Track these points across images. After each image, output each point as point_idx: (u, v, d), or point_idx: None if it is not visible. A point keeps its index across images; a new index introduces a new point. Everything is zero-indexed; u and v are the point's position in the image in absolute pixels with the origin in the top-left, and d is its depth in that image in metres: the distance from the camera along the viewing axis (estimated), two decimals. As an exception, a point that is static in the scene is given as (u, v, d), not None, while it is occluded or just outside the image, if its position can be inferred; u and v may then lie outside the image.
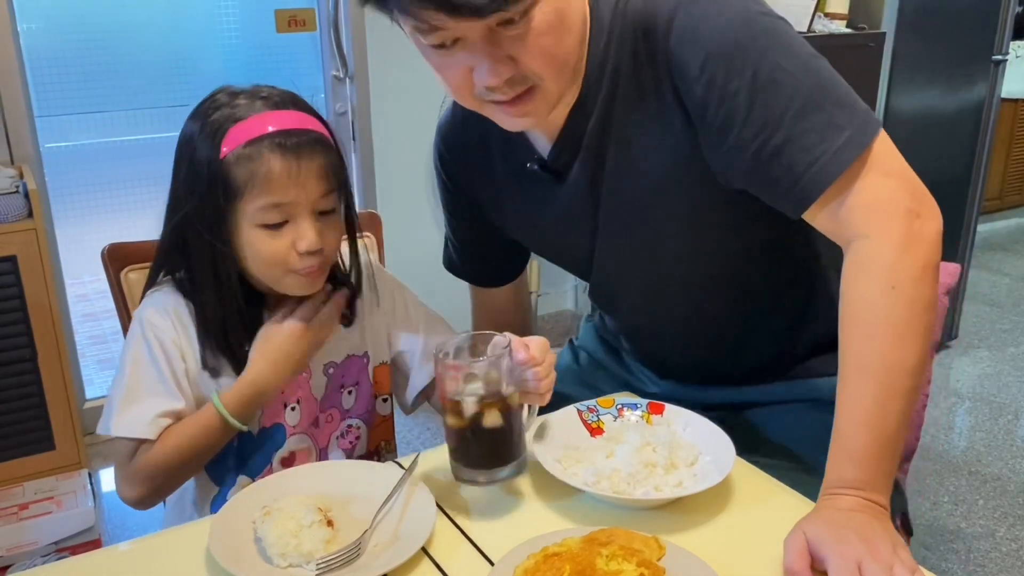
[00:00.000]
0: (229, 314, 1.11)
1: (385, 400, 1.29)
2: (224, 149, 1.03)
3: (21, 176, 2.26)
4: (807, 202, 0.95)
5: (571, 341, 1.53)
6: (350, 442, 1.23)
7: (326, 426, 1.21)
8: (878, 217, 0.92)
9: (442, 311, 1.41)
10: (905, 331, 0.90)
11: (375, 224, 1.49)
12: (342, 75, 2.96)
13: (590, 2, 1.03)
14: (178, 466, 1.09)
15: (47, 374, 2.20)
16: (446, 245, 1.42)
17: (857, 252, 0.93)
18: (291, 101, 1.09)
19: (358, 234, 1.19)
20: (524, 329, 1.50)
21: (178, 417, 1.10)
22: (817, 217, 0.96)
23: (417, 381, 1.27)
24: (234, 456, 1.15)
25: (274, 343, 1.11)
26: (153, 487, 1.10)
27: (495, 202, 1.24)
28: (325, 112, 3.05)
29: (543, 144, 1.11)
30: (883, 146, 0.94)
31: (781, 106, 0.93)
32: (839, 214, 0.94)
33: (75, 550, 2.04)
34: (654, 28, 0.98)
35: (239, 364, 1.11)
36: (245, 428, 1.11)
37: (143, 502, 1.11)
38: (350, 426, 1.23)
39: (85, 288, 3.60)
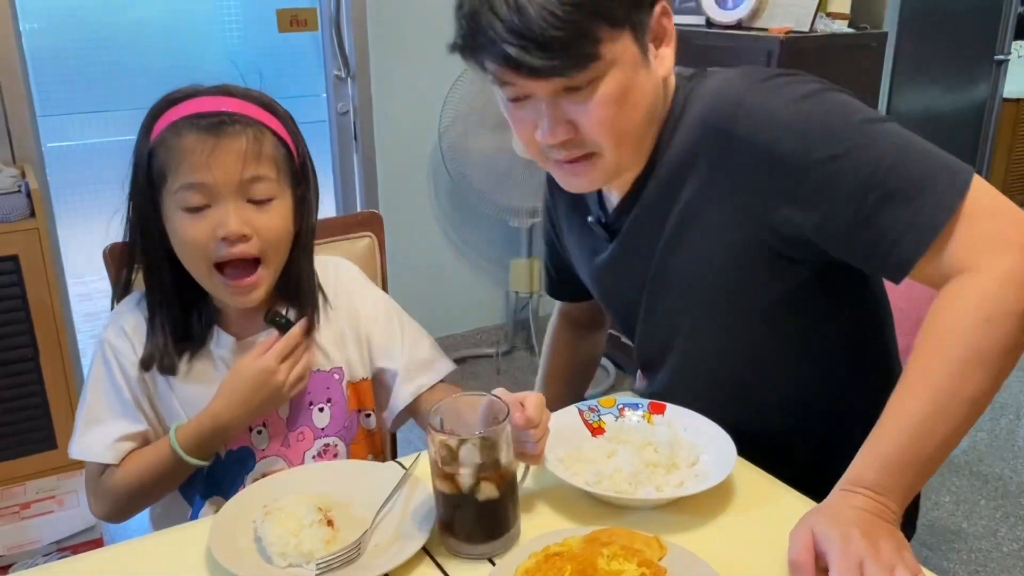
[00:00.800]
0: (170, 316, 1.10)
1: (369, 415, 1.24)
2: (153, 136, 1.04)
3: (23, 175, 2.26)
4: (912, 260, 0.91)
5: None
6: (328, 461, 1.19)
7: (297, 445, 1.17)
8: (986, 252, 0.88)
9: (443, 309, 1.41)
10: (982, 364, 0.86)
11: (377, 223, 1.48)
12: (344, 75, 2.96)
13: (676, 83, 1.06)
14: (138, 492, 1.10)
15: (49, 373, 2.20)
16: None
17: (957, 280, 0.89)
18: (236, 92, 1.07)
19: (353, 236, 1.19)
20: (596, 326, 1.50)
21: (143, 439, 1.11)
22: (920, 272, 0.93)
23: (398, 400, 1.22)
24: (204, 478, 1.14)
25: (242, 380, 1.09)
26: (118, 508, 1.12)
27: (566, 238, 1.28)
28: (327, 112, 3.05)
29: (614, 202, 1.13)
30: (981, 188, 0.90)
31: (869, 168, 0.91)
32: (943, 260, 0.90)
33: (76, 549, 2.05)
34: (721, 113, 0.99)
35: (168, 367, 1.10)
36: (204, 463, 1.10)
37: (110, 518, 1.14)
38: (327, 445, 1.18)
39: (87, 288, 3.60)
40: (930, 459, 0.88)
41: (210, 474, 1.13)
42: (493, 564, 0.89)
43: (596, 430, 1.12)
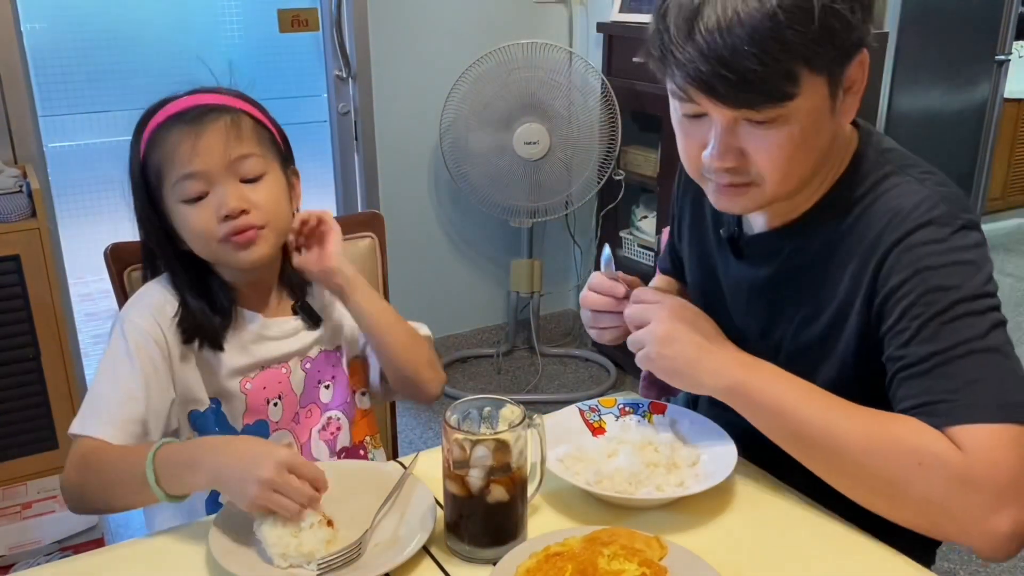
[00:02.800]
0: (193, 300, 1.13)
1: (364, 394, 1.30)
2: (142, 146, 1.10)
3: (25, 176, 2.26)
4: (938, 420, 0.90)
5: None
6: (331, 433, 1.24)
7: (306, 421, 1.22)
8: (990, 463, 0.86)
9: (443, 309, 1.41)
10: (863, 469, 0.90)
11: (378, 224, 1.49)
12: (345, 75, 2.96)
13: (858, 146, 1.03)
14: (99, 485, 1.02)
15: (50, 373, 2.20)
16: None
17: (945, 433, 0.88)
18: (208, 90, 1.12)
19: (355, 236, 1.20)
20: None
21: (142, 423, 1.06)
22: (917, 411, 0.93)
23: (374, 364, 1.29)
24: None
25: (248, 445, 0.96)
26: (79, 493, 1.03)
27: (689, 225, 1.25)
28: (328, 112, 3.05)
29: (758, 223, 1.11)
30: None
31: (950, 344, 0.91)
32: (955, 435, 0.88)
33: (78, 549, 2.05)
34: (894, 222, 0.96)
35: (216, 342, 1.13)
36: (164, 496, 0.95)
37: (72, 500, 1.05)
38: (330, 418, 1.24)
39: (88, 287, 3.60)
40: (755, 404, 0.98)
41: None
42: (494, 564, 0.89)
43: (597, 430, 1.13)
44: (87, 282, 3.56)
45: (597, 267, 3.35)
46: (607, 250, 1.16)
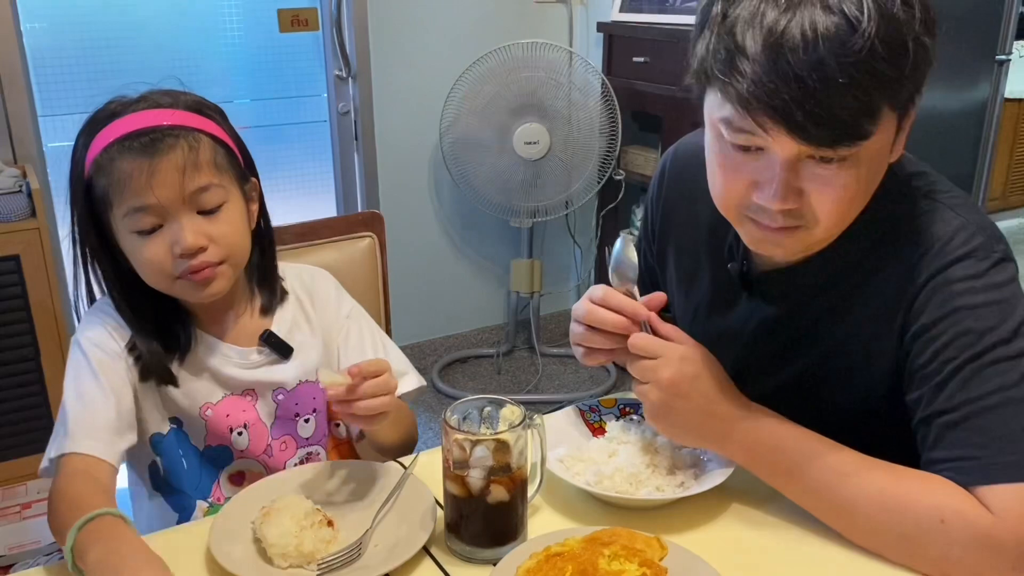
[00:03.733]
0: (142, 326, 1.07)
1: (338, 425, 1.23)
2: (88, 162, 1.02)
3: (24, 176, 2.27)
4: (968, 479, 0.86)
5: None
6: None
7: (280, 454, 1.16)
8: (1018, 526, 0.82)
9: (443, 309, 1.40)
10: (886, 528, 0.88)
11: (378, 223, 1.48)
12: (345, 75, 2.96)
13: (886, 172, 0.94)
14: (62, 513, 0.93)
15: (49, 373, 2.20)
16: None
17: (973, 493, 0.85)
18: (163, 102, 1.04)
19: (354, 236, 1.17)
20: None
21: (122, 428, 1.03)
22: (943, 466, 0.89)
23: None
24: (181, 475, 1.11)
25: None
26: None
27: (675, 249, 1.18)
28: (328, 112, 3.05)
29: (764, 258, 1.03)
30: None
31: (981, 392, 0.87)
32: (985, 496, 0.85)
33: (77, 549, 2.05)
34: (929, 253, 0.92)
35: (167, 378, 1.08)
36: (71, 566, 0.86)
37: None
38: (309, 454, 1.18)
39: (88, 287, 3.61)
40: (773, 472, 0.95)
41: (188, 471, 1.11)
42: (494, 564, 0.89)
43: (597, 430, 1.12)
44: (87, 282, 3.56)
45: (600, 263, 3.35)
46: (621, 241, 1.03)
